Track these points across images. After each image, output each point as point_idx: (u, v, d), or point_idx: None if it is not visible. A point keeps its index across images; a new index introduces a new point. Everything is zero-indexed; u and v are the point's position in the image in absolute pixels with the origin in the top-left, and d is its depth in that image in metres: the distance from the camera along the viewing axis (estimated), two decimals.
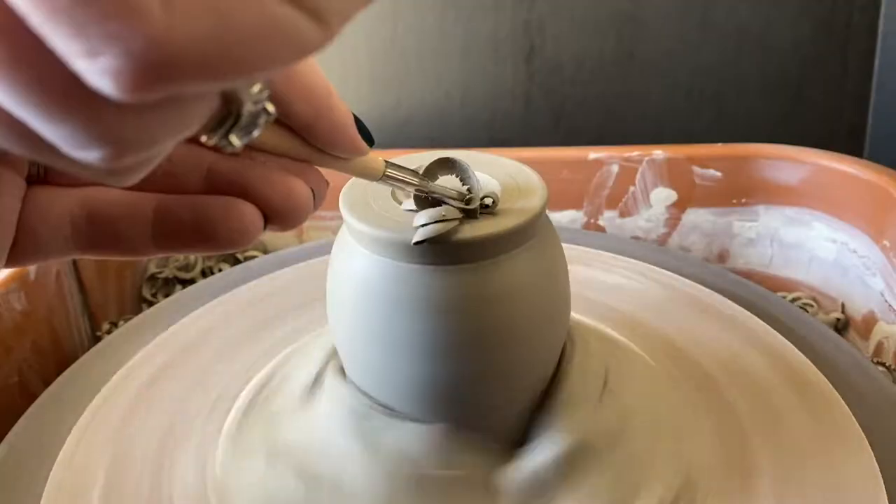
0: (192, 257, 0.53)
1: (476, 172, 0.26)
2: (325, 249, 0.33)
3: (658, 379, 0.34)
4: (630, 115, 0.66)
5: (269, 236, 0.55)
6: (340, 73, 0.64)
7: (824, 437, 0.31)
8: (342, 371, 0.30)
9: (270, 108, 0.16)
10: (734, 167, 0.52)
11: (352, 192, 0.28)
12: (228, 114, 0.15)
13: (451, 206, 0.25)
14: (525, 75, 0.64)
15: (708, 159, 0.53)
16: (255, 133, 0.16)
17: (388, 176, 0.23)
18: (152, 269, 0.53)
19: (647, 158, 0.53)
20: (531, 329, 0.27)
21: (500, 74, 0.64)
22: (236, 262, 0.53)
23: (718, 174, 0.53)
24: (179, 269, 0.53)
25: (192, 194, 0.19)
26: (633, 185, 0.53)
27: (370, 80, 0.64)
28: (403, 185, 0.24)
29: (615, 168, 0.53)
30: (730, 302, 0.41)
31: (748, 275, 0.53)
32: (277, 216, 0.19)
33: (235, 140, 0.15)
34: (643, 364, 0.35)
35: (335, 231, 0.50)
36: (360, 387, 0.29)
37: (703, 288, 0.42)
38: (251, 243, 0.19)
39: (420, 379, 0.27)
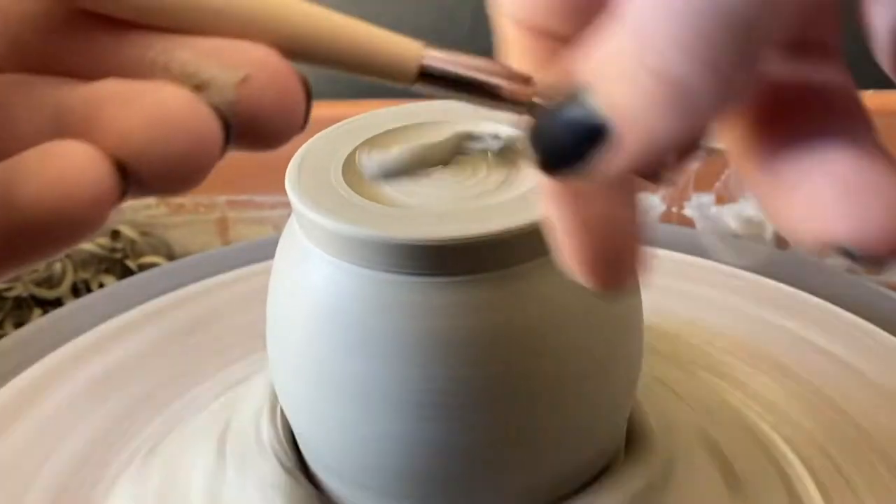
0: (57, 267, 0.52)
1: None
2: (265, 253, 0.34)
3: None
4: None
5: (178, 234, 0.54)
6: None
7: None
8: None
9: None
10: (893, 125, 0.52)
11: (304, 164, 0.29)
12: None
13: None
14: None
15: None
16: None
17: (428, 75, 0.18)
18: None
19: None
20: (577, 380, 0.27)
21: None
22: (126, 272, 0.53)
23: None
24: (38, 284, 0.53)
25: None
26: None
27: None
28: (462, 95, 0.18)
29: None
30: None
31: None
32: (142, 164, 0.15)
33: None
34: None
35: (279, 226, 0.51)
36: (314, 455, 0.30)
37: (849, 315, 0.42)
38: (97, 230, 0.15)
39: (404, 445, 0.27)
